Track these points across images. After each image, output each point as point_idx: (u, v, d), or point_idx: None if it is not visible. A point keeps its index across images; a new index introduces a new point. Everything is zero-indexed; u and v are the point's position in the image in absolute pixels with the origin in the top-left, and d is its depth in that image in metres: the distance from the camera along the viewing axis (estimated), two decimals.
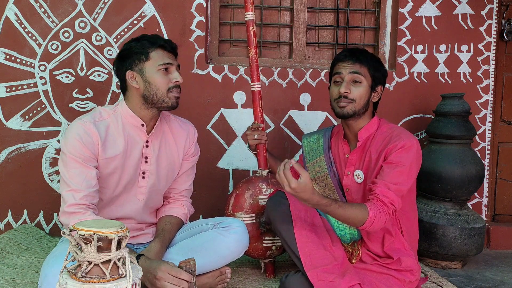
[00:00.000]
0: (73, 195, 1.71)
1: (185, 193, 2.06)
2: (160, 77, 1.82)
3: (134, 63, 1.82)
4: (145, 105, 1.85)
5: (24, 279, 2.03)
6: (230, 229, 1.93)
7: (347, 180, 1.94)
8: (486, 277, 2.40)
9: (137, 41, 1.85)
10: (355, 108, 1.87)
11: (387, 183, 1.71)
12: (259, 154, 2.16)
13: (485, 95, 2.88)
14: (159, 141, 1.94)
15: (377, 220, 1.66)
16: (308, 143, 2.11)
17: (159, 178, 1.95)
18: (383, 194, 1.70)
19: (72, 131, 1.77)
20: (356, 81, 1.87)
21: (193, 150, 2.04)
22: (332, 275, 1.69)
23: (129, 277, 1.22)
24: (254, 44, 2.15)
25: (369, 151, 1.87)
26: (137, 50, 1.82)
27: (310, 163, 2.07)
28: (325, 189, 2.03)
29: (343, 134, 1.99)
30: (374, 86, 1.90)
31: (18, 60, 2.64)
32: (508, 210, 2.99)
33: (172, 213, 1.99)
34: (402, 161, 1.75)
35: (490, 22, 2.85)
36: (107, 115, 1.86)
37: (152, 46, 1.82)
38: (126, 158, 1.85)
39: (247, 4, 2.14)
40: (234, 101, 2.74)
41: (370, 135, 1.91)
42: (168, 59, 1.84)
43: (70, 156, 1.74)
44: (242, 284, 2.07)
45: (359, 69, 1.87)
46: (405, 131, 1.86)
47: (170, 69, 1.85)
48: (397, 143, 1.78)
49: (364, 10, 2.94)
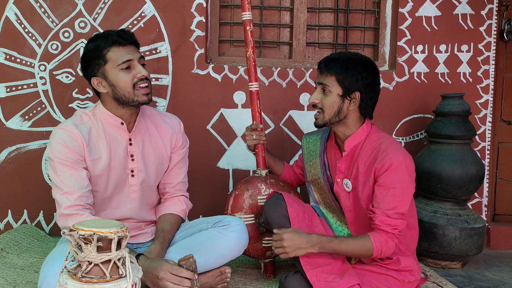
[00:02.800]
0: (67, 198, 1.71)
1: (180, 186, 2.04)
2: (124, 77, 1.77)
3: (96, 69, 1.79)
4: (120, 105, 1.83)
5: (24, 279, 2.03)
6: (229, 228, 1.94)
7: (337, 187, 1.93)
8: (486, 277, 2.40)
9: (92, 41, 1.80)
10: (325, 118, 1.86)
11: (384, 211, 1.71)
12: (257, 155, 2.16)
13: (485, 95, 2.87)
14: (142, 138, 1.93)
15: (385, 248, 1.71)
16: (307, 143, 2.11)
17: (148, 174, 1.94)
18: (384, 224, 1.71)
19: (55, 137, 1.77)
20: (325, 91, 1.85)
21: (181, 142, 2.03)
22: (332, 275, 1.69)
23: (129, 277, 1.22)
24: (252, 44, 2.14)
25: (357, 162, 1.84)
26: (93, 54, 1.77)
27: (307, 165, 2.07)
28: (321, 191, 2.03)
29: (334, 139, 1.98)
30: (346, 94, 1.82)
31: (18, 60, 2.64)
32: (508, 210, 2.99)
33: (170, 211, 1.99)
34: (392, 183, 1.72)
35: (490, 22, 2.85)
36: (88, 118, 1.86)
37: (106, 45, 1.76)
38: (111, 159, 1.85)
39: (244, 4, 2.14)
40: (234, 101, 2.74)
41: (358, 144, 1.87)
42: (127, 55, 1.78)
43: (57, 161, 1.74)
44: (242, 284, 2.07)
45: (325, 79, 1.84)
46: (393, 145, 1.79)
47: (132, 64, 1.79)
48: (384, 162, 1.73)
49: (364, 10, 2.93)
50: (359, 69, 1.83)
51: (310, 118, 2.77)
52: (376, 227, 1.72)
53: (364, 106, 1.86)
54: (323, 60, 1.88)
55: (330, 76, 1.83)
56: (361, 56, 1.89)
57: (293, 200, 1.91)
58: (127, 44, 1.79)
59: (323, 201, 2.05)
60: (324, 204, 2.05)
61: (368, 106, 1.87)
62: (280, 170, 2.25)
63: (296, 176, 2.24)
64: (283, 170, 2.25)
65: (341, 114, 1.85)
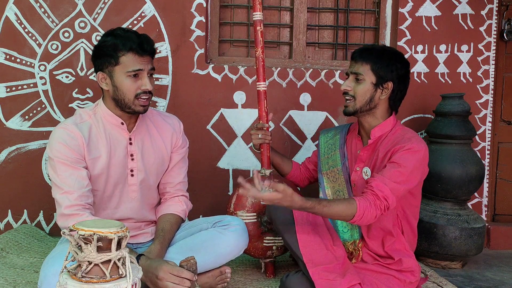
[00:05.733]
0: (67, 197, 1.71)
1: (180, 186, 2.05)
2: (129, 83, 1.77)
3: (105, 65, 1.79)
4: (117, 107, 1.83)
5: (24, 279, 2.03)
6: (230, 227, 1.94)
7: (355, 176, 1.94)
8: (486, 277, 2.40)
9: (112, 37, 1.78)
10: (356, 106, 1.89)
11: (384, 179, 1.71)
12: (262, 154, 2.16)
13: (485, 95, 2.87)
14: (142, 138, 1.93)
15: (367, 214, 1.66)
16: (325, 138, 2.13)
17: (148, 173, 1.94)
18: (378, 188, 1.70)
19: (55, 136, 1.76)
20: (358, 79, 1.89)
21: (181, 142, 2.03)
22: (333, 274, 1.69)
23: (129, 277, 1.22)
24: (261, 44, 2.14)
25: (379, 150, 1.87)
26: (107, 52, 1.76)
27: (324, 157, 2.09)
28: (334, 184, 2.03)
29: (358, 130, 2.01)
30: (380, 83, 1.87)
31: (18, 60, 2.64)
32: (508, 210, 2.99)
33: (170, 211, 1.99)
34: (405, 162, 1.74)
35: (490, 22, 2.85)
36: (88, 117, 1.85)
37: (123, 49, 1.75)
38: (111, 158, 1.85)
39: (255, 4, 2.14)
40: (234, 101, 2.74)
41: (383, 135, 1.90)
42: (139, 65, 1.77)
43: (57, 160, 1.74)
44: (242, 284, 2.07)
45: (359, 67, 1.89)
46: (418, 137, 1.84)
47: (141, 75, 1.79)
48: (405, 144, 1.77)
49: (364, 10, 2.94)
50: (393, 60, 1.89)
51: (310, 118, 2.78)
52: (370, 189, 1.70)
53: (394, 98, 1.91)
54: (357, 50, 1.93)
55: (366, 65, 1.87)
56: (394, 49, 1.97)
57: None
58: (143, 55, 1.79)
59: (335, 194, 2.04)
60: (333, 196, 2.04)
61: (397, 98, 1.93)
62: (288, 168, 2.25)
63: (309, 172, 2.24)
64: (292, 169, 2.25)
65: (372, 103, 1.89)
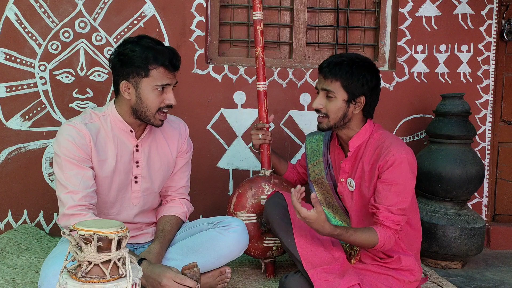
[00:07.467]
0: (71, 197, 1.69)
1: (182, 190, 2.04)
2: (154, 97, 1.76)
3: (132, 75, 1.74)
4: (133, 115, 1.81)
5: (24, 279, 2.03)
6: (230, 228, 1.94)
7: (340, 187, 1.93)
8: (486, 277, 2.40)
9: (141, 47, 1.73)
10: (330, 123, 1.84)
11: (387, 207, 1.73)
12: (262, 154, 2.16)
13: (485, 95, 2.87)
14: (149, 145, 1.91)
15: (387, 242, 1.73)
16: (310, 143, 2.10)
17: (153, 181, 1.93)
18: (387, 219, 1.72)
19: (64, 134, 1.74)
20: (329, 96, 1.82)
21: (186, 147, 2.02)
22: (332, 275, 1.69)
23: (129, 277, 1.22)
24: (261, 43, 2.14)
25: (362, 161, 1.84)
26: (138, 64, 1.72)
27: (311, 164, 2.07)
28: (324, 191, 2.03)
29: (337, 140, 1.97)
30: (352, 98, 1.80)
31: (18, 60, 2.64)
32: (508, 210, 2.99)
33: (171, 213, 1.99)
34: (395, 179, 1.73)
35: (490, 22, 2.85)
36: (97, 118, 1.83)
37: (155, 63, 1.73)
38: (117, 162, 1.83)
39: (255, 4, 2.13)
40: (234, 101, 2.74)
41: (362, 143, 1.87)
42: (168, 79, 1.77)
43: (64, 158, 1.72)
44: (242, 284, 2.07)
45: (329, 84, 1.80)
46: (396, 142, 1.79)
47: (166, 89, 1.78)
48: (387, 159, 1.74)
49: (364, 10, 2.93)
50: (364, 72, 1.80)
51: (310, 118, 2.78)
52: (380, 223, 1.73)
53: (368, 108, 1.86)
54: (326, 64, 1.83)
55: (335, 82, 1.80)
56: (362, 58, 1.86)
57: None
58: (173, 71, 1.79)
59: (325, 201, 2.05)
60: (326, 204, 2.05)
61: (371, 108, 1.87)
62: (284, 169, 2.26)
63: (300, 176, 2.24)
64: (287, 170, 2.26)
65: (346, 118, 1.83)
